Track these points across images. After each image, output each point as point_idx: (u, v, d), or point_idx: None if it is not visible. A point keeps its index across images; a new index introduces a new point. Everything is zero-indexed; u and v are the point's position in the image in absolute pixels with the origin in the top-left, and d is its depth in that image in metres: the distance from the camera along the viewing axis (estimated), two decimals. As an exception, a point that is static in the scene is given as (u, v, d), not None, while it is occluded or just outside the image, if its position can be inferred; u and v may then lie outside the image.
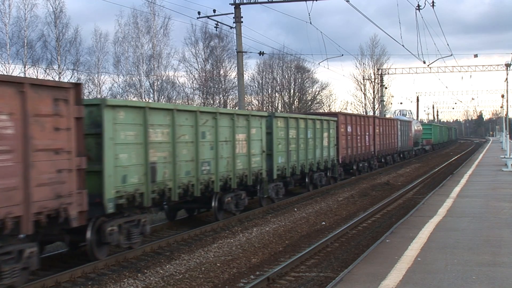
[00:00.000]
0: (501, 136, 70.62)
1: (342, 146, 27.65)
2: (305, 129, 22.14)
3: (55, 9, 42.17)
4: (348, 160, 28.71)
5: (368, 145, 33.04)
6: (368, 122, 33.68)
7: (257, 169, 17.75)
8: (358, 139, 30.85)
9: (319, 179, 24.31)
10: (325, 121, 24.80)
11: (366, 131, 32.57)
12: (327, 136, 24.80)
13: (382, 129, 37.50)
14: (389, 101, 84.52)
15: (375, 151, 35.08)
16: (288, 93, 66.03)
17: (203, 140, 14.59)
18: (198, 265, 11.49)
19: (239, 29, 29.23)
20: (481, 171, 30.20)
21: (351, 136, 29.36)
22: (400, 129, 43.77)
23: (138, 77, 47.37)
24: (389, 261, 9.63)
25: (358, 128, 30.85)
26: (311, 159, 22.85)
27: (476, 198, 18.19)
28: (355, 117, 31.20)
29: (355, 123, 30.45)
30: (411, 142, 49.70)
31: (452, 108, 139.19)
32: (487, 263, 9.38)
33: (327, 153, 24.94)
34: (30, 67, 40.71)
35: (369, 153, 33.53)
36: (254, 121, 17.59)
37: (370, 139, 33.56)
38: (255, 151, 17.61)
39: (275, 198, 19.68)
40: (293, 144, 20.95)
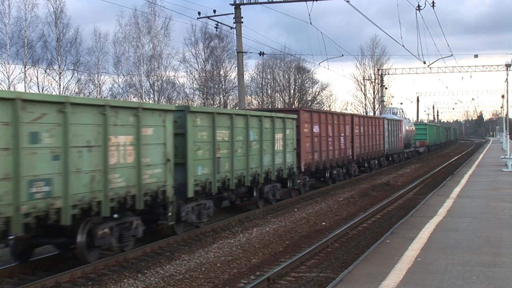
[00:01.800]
0: (501, 136, 70.62)
1: (306, 150, 22.40)
2: (246, 129, 16.73)
3: (56, 9, 42.27)
4: (314, 167, 23.40)
5: (344, 148, 27.79)
6: (344, 121, 28.35)
7: (154, 186, 12.27)
8: (330, 141, 25.44)
9: (272, 193, 19.15)
10: (279, 119, 19.30)
11: (341, 132, 27.39)
12: (281, 138, 19.41)
13: (364, 129, 32.12)
14: (389, 101, 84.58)
15: (354, 154, 29.67)
16: (288, 94, 66.07)
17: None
18: (198, 266, 11.49)
19: (239, 30, 29.25)
20: (481, 171, 30.20)
21: (318, 137, 23.87)
22: (387, 129, 38.64)
23: (138, 77, 47.43)
24: (389, 262, 9.64)
25: (329, 128, 25.47)
26: (256, 167, 17.51)
27: (476, 198, 18.20)
28: (325, 115, 25.43)
29: (325, 122, 25.04)
30: (401, 144, 44.21)
31: (452, 109, 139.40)
32: (487, 264, 9.38)
33: (282, 159, 19.51)
34: (30, 67, 40.77)
35: (345, 157, 28.15)
36: (148, 117, 12.14)
37: (346, 141, 28.28)
38: (151, 160, 12.20)
39: (198, 222, 14.65)
40: (225, 149, 15.58)
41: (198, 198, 14.68)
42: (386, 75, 75.08)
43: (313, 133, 23.28)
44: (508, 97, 50.69)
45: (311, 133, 23.16)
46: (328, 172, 25.73)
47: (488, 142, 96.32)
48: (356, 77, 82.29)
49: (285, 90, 65.98)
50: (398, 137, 42.61)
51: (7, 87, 38.10)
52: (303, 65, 65.77)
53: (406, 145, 47.78)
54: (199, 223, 14.69)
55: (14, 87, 39.03)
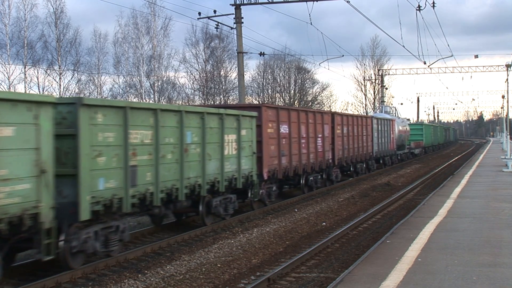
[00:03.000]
0: (502, 136, 70.58)
1: (270, 154, 18.86)
2: (180, 129, 13.29)
3: (56, 10, 42.29)
4: (282, 173, 19.85)
5: (322, 151, 24.20)
6: (323, 119, 24.54)
7: (16, 209, 8.75)
8: (303, 144, 21.91)
9: (224, 206, 15.81)
10: (230, 118, 15.89)
11: (318, 132, 23.77)
12: (234, 139, 16.09)
13: (349, 129, 28.72)
14: (389, 101, 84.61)
15: (335, 158, 26.21)
16: (289, 94, 66.10)
17: None
18: (199, 266, 11.49)
19: (240, 30, 29.26)
20: (481, 171, 30.20)
21: (287, 139, 20.40)
22: (377, 129, 35.18)
23: (138, 77, 47.44)
24: (389, 262, 9.63)
25: (303, 128, 21.98)
26: (196, 177, 14.04)
27: (477, 198, 18.19)
28: (296, 113, 21.77)
29: (297, 120, 21.47)
30: (393, 145, 40.52)
31: (453, 109, 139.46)
32: (488, 264, 9.38)
33: (236, 166, 16.14)
34: (30, 68, 40.79)
35: (324, 161, 24.58)
36: (6, 111, 8.60)
37: (325, 142, 24.73)
38: (10, 173, 8.65)
39: (106, 251, 11.33)
40: (145, 155, 11.95)
41: (105, 219, 11.19)
42: (386, 76, 75.15)
43: (280, 134, 19.56)
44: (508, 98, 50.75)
45: (278, 133, 19.44)
46: (303, 178, 22.50)
47: (488, 142, 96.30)
48: (357, 78, 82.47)
49: (286, 90, 66.03)
50: (389, 138, 38.99)
51: (7, 88, 38.11)
52: (303, 66, 65.86)
53: (399, 146, 44.47)
54: (108, 251, 11.38)
55: (14, 88, 39.06)
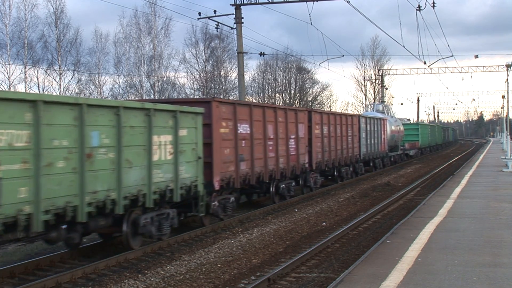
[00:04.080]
0: (502, 137, 70.56)
1: (223, 159, 15.57)
2: (80, 128, 10.29)
3: (56, 10, 42.32)
4: (240, 181, 16.51)
5: (295, 155, 20.94)
6: (297, 118, 21.20)
7: None
8: (271, 146, 18.69)
9: (157, 224, 12.73)
10: (163, 114, 12.63)
11: (291, 133, 20.49)
12: (170, 141, 12.83)
13: (330, 129, 25.44)
14: (389, 101, 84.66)
15: (312, 162, 23.03)
16: (289, 94, 66.11)
17: None
18: (199, 266, 11.50)
19: (240, 30, 29.27)
20: (481, 172, 30.19)
21: (249, 140, 17.13)
22: (365, 129, 32.02)
23: (139, 77, 47.46)
24: (389, 262, 9.63)
25: (270, 128, 18.73)
26: (107, 190, 10.91)
27: (477, 199, 18.19)
28: (261, 110, 18.26)
29: (262, 119, 18.11)
30: (384, 146, 37.20)
31: (453, 109, 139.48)
32: (488, 264, 9.38)
33: (172, 175, 12.86)
34: (30, 68, 40.81)
35: (298, 166, 21.22)
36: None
37: (300, 144, 21.42)
38: None
39: None
40: (17, 163, 9.06)
41: None
42: (386, 76, 75.16)
43: (238, 134, 16.35)
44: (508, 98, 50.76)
45: (235, 134, 16.24)
46: (273, 186, 19.51)
47: (488, 142, 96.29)
48: (357, 78, 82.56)
49: (286, 90, 66.06)
50: (380, 138, 35.77)
51: (7, 88, 38.13)
52: (303, 66, 65.89)
53: (392, 147, 41.50)
54: None
55: (14, 88, 39.07)
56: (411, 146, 50.21)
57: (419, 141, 53.75)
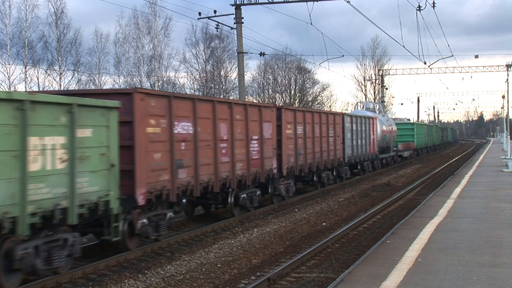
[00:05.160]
0: (502, 137, 70.55)
1: (152, 167, 12.45)
2: None
3: (56, 10, 42.31)
4: (177, 194, 13.38)
5: (259, 159, 17.79)
6: (261, 116, 17.97)
7: None
8: (224, 149, 15.73)
9: (44, 257, 9.73)
10: (48, 108, 9.57)
11: (253, 133, 17.45)
12: (62, 145, 9.78)
13: (306, 129, 22.30)
14: (390, 101, 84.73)
15: (283, 167, 19.88)
16: (289, 94, 66.11)
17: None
18: (199, 266, 11.50)
19: (240, 30, 29.27)
20: (481, 172, 30.19)
21: (192, 143, 14.05)
22: (351, 129, 29.04)
23: (139, 78, 47.46)
24: (389, 262, 9.63)
25: (223, 128, 15.68)
26: None
27: (477, 199, 18.19)
28: (208, 105, 15.04)
29: (211, 116, 15.05)
30: (374, 148, 34.02)
31: (453, 109, 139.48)
32: (488, 264, 9.38)
33: (66, 189, 9.82)
34: (30, 68, 40.82)
35: (262, 172, 18.01)
36: None
37: (266, 146, 18.23)
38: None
39: None
40: None
41: None
42: (386, 76, 75.19)
43: (174, 135, 13.24)
44: (508, 98, 50.74)
45: (170, 135, 13.13)
46: (231, 196, 16.52)
47: (488, 142, 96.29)
48: (357, 78, 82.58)
49: (286, 90, 66.05)
50: (369, 139, 32.70)
51: (7, 88, 38.14)
52: (303, 66, 65.87)
53: (383, 149, 38.63)
54: None
55: (14, 88, 39.08)
56: (405, 147, 47.11)
57: (414, 142, 50.88)
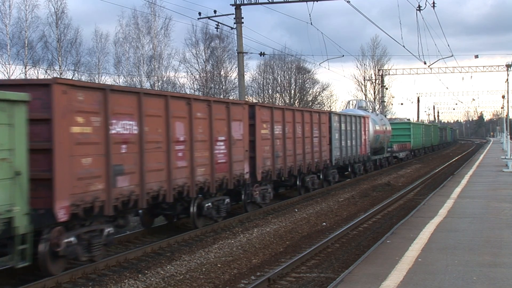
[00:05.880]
0: (502, 137, 70.53)
1: (78, 174, 10.42)
2: None
3: (57, 10, 42.31)
4: (112, 206, 11.16)
5: (226, 162, 15.73)
6: (228, 114, 15.88)
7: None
8: (181, 152, 13.60)
9: None
10: None
11: (218, 134, 15.31)
12: None
13: (286, 128, 19.96)
14: (390, 101, 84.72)
15: (257, 171, 17.70)
16: (289, 94, 66.11)
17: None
18: (199, 266, 11.50)
19: (240, 30, 29.26)
20: (481, 172, 30.18)
21: (136, 145, 11.99)
22: (339, 129, 26.71)
23: (139, 78, 47.46)
24: (389, 262, 9.63)
25: (180, 126, 13.62)
26: None
27: (477, 199, 18.18)
28: (158, 101, 12.90)
29: (161, 113, 12.93)
30: (365, 149, 31.78)
31: (453, 109, 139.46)
32: (488, 264, 9.38)
33: None
34: (30, 68, 40.82)
35: (230, 178, 15.90)
36: None
37: (235, 149, 16.13)
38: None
39: None
40: None
41: None
42: (386, 76, 75.12)
43: (110, 136, 11.13)
44: (508, 98, 50.74)
45: (105, 136, 11.02)
46: (194, 205, 14.58)
47: (488, 142, 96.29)
48: (357, 78, 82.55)
49: (286, 90, 66.04)
50: (359, 139, 30.47)
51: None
52: (303, 66, 65.88)
53: (377, 150, 36.73)
54: None
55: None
56: (400, 148, 44.85)
57: (410, 142, 48.76)
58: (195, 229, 14.72)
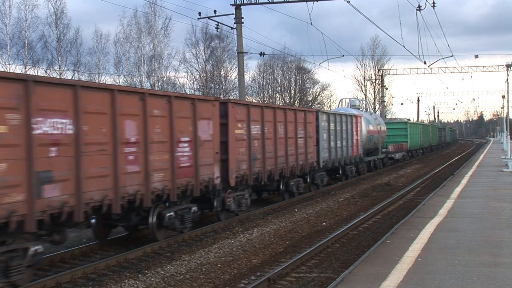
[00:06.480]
0: (502, 136, 70.51)
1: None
2: None
3: (56, 10, 42.33)
4: (34, 222, 9.30)
5: (190, 166, 13.87)
6: (194, 112, 14.06)
7: None
8: (132, 155, 11.82)
9: None
10: None
11: (180, 134, 13.46)
12: None
13: (265, 128, 18.19)
14: (389, 101, 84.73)
15: (230, 176, 15.95)
16: (289, 94, 66.13)
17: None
18: (199, 266, 11.50)
19: (240, 30, 29.25)
20: (481, 171, 30.18)
21: (68, 147, 10.18)
22: (327, 129, 25.07)
23: (139, 77, 47.47)
24: (389, 262, 9.63)
25: (131, 126, 11.81)
26: None
27: (477, 198, 18.18)
28: (100, 95, 11.04)
29: (107, 111, 11.17)
30: (358, 150, 30.11)
31: (453, 109, 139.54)
32: (488, 264, 9.38)
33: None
34: (30, 68, 40.82)
35: (196, 183, 14.02)
36: None
37: (202, 151, 14.34)
38: None
39: None
40: None
41: None
42: (386, 76, 75.12)
43: (33, 137, 9.41)
44: (508, 98, 50.74)
45: (27, 137, 9.35)
46: (153, 215, 13.04)
47: (488, 142, 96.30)
48: (357, 78, 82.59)
49: (286, 90, 66.06)
50: (351, 140, 28.77)
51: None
52: (303, 66, 65.90)
53: (370, 150, 35.18)
54: None
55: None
56: (396, 149, 42.99)
57: (407, 143, 47.11)
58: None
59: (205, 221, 16.78)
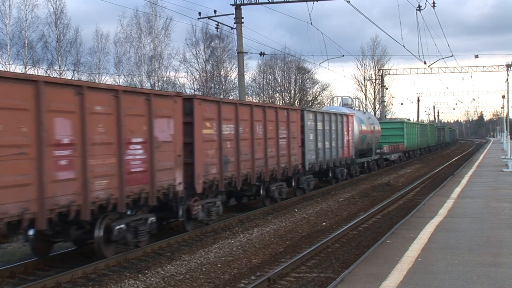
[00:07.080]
0: (502, 136, 70.52)
1: None
2: None
3: (56, 10, 42.34)
4: None
5: (146, 172, 12.12)
6: (150, 109, 12.25)
7: None
8: (65, 159, 9.95)
9: None
10: None
11: (131, 134, 11.65)
12: None
13: (240, 127, 16.45)
14: (390, 101, 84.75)
15: (196, 181, 14.17)
16: (289, 94, 66.12)
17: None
18: (199, 266, 11.50)
19: (240, 30, 29.26)
20: (481, 171, 30.18)
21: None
22: (314, 129, 23.25)
23: (139, 77, 47.48)
24: (389, 262, 9.63)
25: (65, 125, 10.00)
26: None
27: (477, 198, 18.18)
28: (23, 87, 9.18)
29: (30, 106, 9.29)
30: (349, 151, 28.20)
31: (453, 109, 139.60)
32: (488, 264, 9.38)
33: None
34: (30, 68, 40.83)
35: (152, 191, 12.19)
36: None
37: (160, 154, 12.55)
38: None
39: None
40: None
41: None
42: (386, 76, 75.15)
43: None
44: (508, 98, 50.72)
45: None
46: (99, 228, 11.32)
47: (488, 142, 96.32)
48: (357, 78, 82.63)
49: (286, 90, 66.06)
50: (341, 140, 26.85)
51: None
52: (303, 66, 65.90)
53: (364, 152, 33.40)
54: None
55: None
56: (392, 149, 41.15)
57: (404, 143, 45.28)
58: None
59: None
